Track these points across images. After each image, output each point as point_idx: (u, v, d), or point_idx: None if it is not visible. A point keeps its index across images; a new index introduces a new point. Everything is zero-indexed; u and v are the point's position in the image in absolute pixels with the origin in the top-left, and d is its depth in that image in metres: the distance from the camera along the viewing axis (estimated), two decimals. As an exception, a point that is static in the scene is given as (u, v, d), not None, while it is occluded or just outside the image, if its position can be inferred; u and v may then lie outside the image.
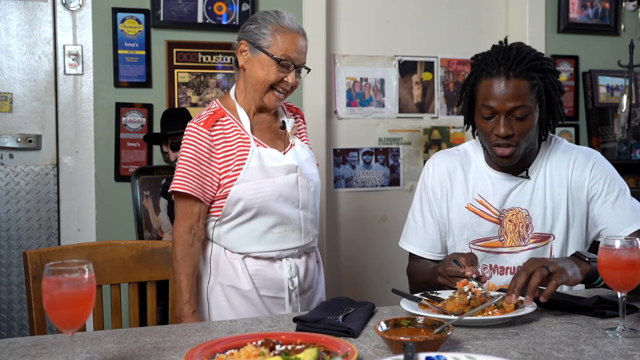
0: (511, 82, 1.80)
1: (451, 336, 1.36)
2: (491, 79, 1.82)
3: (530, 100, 1.82)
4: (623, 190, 1.92)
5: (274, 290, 2.00)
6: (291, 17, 2.02)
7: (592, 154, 1.97)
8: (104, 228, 3.12)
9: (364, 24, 3.58)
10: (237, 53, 2.05)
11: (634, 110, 3.64)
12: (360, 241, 3.58)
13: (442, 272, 1.75)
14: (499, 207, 1.93)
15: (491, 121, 1.84)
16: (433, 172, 2.03)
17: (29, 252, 1.89)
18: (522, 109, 1.80)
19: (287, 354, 1.22)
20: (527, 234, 1.92)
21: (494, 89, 1.81)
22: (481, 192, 1.95)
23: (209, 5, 3.24)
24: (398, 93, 3.64)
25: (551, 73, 1.89)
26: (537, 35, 3.76)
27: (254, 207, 1.96)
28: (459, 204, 1.97)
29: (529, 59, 1.83)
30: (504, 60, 1.82)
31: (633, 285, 1.42)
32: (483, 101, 1.84)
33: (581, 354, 1.29)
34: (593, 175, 1.91)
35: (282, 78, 1.99)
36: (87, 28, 3.10)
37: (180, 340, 1.44)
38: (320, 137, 3.37)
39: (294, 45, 1.98)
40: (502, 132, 1.80)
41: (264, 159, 1.99)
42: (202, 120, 1.98)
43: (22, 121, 3.05)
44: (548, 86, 1.87)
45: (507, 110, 1.80)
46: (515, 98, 1.80)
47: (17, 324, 3.03)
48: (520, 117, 1.81)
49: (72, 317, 1.19)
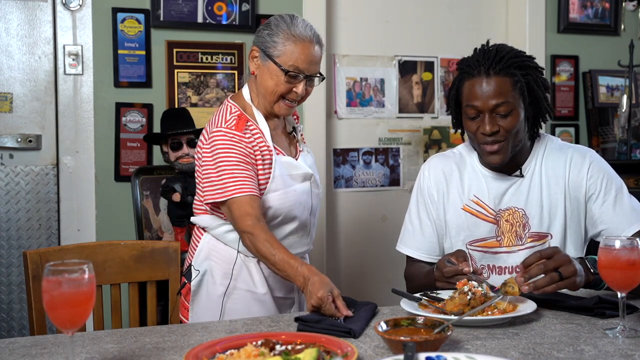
0: (492, 80, 1.82)
1: (451, 336, 1.36)
2: (473, 79, 1.85)
3: (513, 97, 1.83)
4: (620, 188, 1.92)
5: (285, 291, 2.02)
6: (306, 25, 1.93)
7: (587, 152, 1.96)
8: (104, 228, 3.12)
9: (364, 24, 3.58)
10: (249, 58, 1.99)
11: (634, 110, 3.64)
12: (360, 241, 3.58)
13: (440, 276, 1.76)
14: (495, 207, 1.93)
15: (477, 120, 1.85)
16: (429, 174, 2.03)
17: (29, 252, 1.89)
18: (505, 105, 1.82)
19: (287, 354, 1.22)
20: (524, 234, 1.92)
21: (476, 89, 1.84)
22: (477, 193, 1.96)
23: (209, 5, 3.24)
24: (398, 93, 3.64)
25: (533, 70, 1.89)
26: (537, 35, 3.76)
27: (281, 215, 1.94)
28: (455, 205, 1.97)
29: (508, 57, 1.85)
30: (484, 60, 1.85)
31: (633, 285, 1.42)
32: (467, 102, 1.86)
33: (581, 354, 1.29)
34: (590, 174, 1.91)
35: (292, 89, 1.93)
36: (87, 28, 3.10)
37: (180, 340, 1.44)
38: (320, 137, 3.37)
39: (304, 55, 1.90)
40: (487, 129, 1.82)
41: (285, 167, 1.96)
42: (233, 125, 1.90)
43: (22, 121, 3.05)
44: (531, 82, 1.87)
45: (490, 107, 1.82)
46: (497, 95, 1.81)
47: (17, 324, 3.03)
48: (504, 113, 1.82)
49: (72, 317, 1.19)
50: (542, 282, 1.57)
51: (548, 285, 1.56)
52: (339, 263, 3.53)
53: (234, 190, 1.84)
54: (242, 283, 1.97)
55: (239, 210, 1.83)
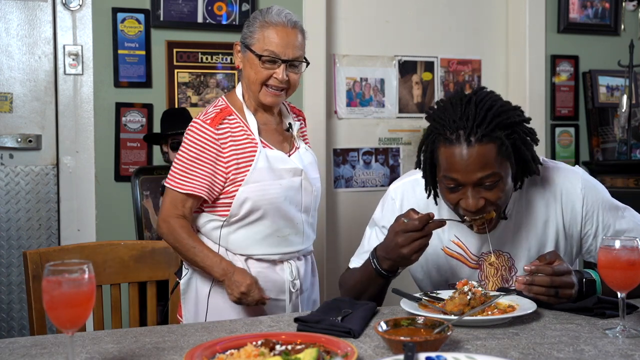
0: (474, 150, 1.55)
1: (451, 336, 1.36)
2: (451, 146, 1.57)
3: (499, 165, 1.58)
4: (615, 211, 1.77)
5: (275, 292, 2.00)
6: (281, 11, 1.96)
7: (578, 181, 1.75)
8: (104, 228, 3.12)
9: (364, 24, 3.58)
10: (234, 53, 2.06)
11: (634, 110, 3.64)
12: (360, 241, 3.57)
13: (396, 235, 1.54)
14: (477, 251, 1.76)
15: (457, 192, 1.61)
16: (401, 205, 1.81)
17: (29, 252, 1.89)
18: (491, 177, 1.57)
19: (287, 354, 1.22)
20: (510, 277, 1.77)
21: (456, 159, 1.56)
22: (457, 234, 1.76)
23: (209, 5, 3.24)
24: (398, 93, 3.64)
25: (519, 125, 1.62)
26: (537, 35, 3.76)
27: (262, 208, 1.94)
28: (434, 245, 1.74)
29: (491, 116, 1.56)
30: (462, 122, 1.56)
31: (633, 285, 1.42)
32: (445, 172, 1.60)
33: (581, 354, 1.29)
34: (586, 211, 1.74)
35: (271, 75, 1.95)
36: (87, 28, 3.10)
37: (180, 340, 1.44)
38: (320, 137, 3.37)
39: (278, 39, 1.93)
40: (472, 206, 1.59)
41: (271, 160, 1.97)
42: (209, 118, 1.95)
43: (22, 121, 3.05)
44: (517, 142, 1.61)
45: (473, 181, 1.57)
46: (481, 167, 1.56)
47: (17, 324, 3.03)
48: (490, 185, 1.58)
49: (72, 317, 1.19)
50: (537, 290, 1.55)
51: (542, 295, 1.56)
52: (339, 263, 3.53)
53: (177, 183, 1.94)
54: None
55: (171, 202, 1.95)
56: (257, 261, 1.99)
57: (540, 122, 3.73)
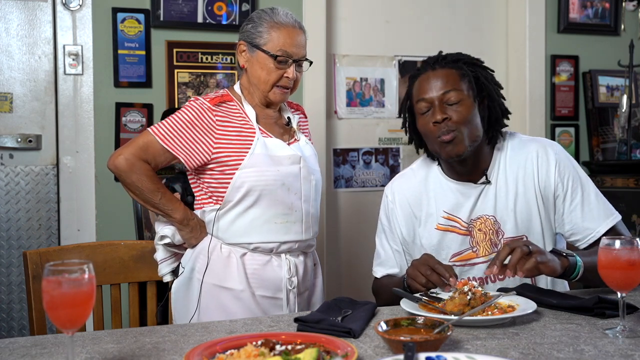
0: (438, 72, 1.85)
1: (451, 336, 1.36)
2: (420, 75, 1.88)
3: (462, 87, 1.83)
4: (586, 184, 1.90)
5: (272, 290, 1.97)
6: (287, 12, 2.02)
7: (551, 147, 1.92)
8: (104, 228, 3.12)
9: (364, 24, 3.58)
10: (237, 53, 2.06)
11: (634, 110, 3.64)
12: (360, 241, 3.58)
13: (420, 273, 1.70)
14: (467, 218, 1.90)
15: (428, 114, 1.84)
16: (394, 205, 2.01)
17: (29, 252, 1.89)
18: (453, 92, 1.82)
19: (287, 354, 1.22)
20: (498, 240, 1.88)
21: (424, 83, 1.85)
22: (447, 208, 1.92)
23: (209, 5, 3.24)
24: (398, 93, 3.64)
25: (481, 68, 1.90)
26: (537, 35, 3.76)
27: (257, 192, 1.93)
28: (428, 227, 1.94)
29: (453, 55, 1.89)
30: (430, 60, 1.89)
31: (633, 285, 1.42)
32: (417, 97, 1.87)
33: (581, 354, 1.29)
34: (558, 172, 1.88)
35: (283, 74, 1.98)
36: (87, 28, 3.10)
37: (180, 340, 1.44)
38: (320, 137, 3.37)
39: (290, 39, 1.98)
40: (439, 117, 1.81)
41: (269, 147, 1.98)
42: (209, 97, 1.99)
43: (22, 121, 3.05)
44: (480, 77, 1.87)
45: (439, 97, 1.82)
46: (444, 84, 1.83)
47: (17, 324, 3.04)
48: (454, 102, 1.82)
49: (72, 317, 1.19)
50: (514, 258, 1.58)
51: (523, 260, 1.58)
52: (339, 263, 3.53)
53: (162, 135, 1.94)
54: (216, 279, 1.94)
55: (144, 146, 1.94)
56: (253, 255, 1.95)
57: (540, 122, 3.73)
